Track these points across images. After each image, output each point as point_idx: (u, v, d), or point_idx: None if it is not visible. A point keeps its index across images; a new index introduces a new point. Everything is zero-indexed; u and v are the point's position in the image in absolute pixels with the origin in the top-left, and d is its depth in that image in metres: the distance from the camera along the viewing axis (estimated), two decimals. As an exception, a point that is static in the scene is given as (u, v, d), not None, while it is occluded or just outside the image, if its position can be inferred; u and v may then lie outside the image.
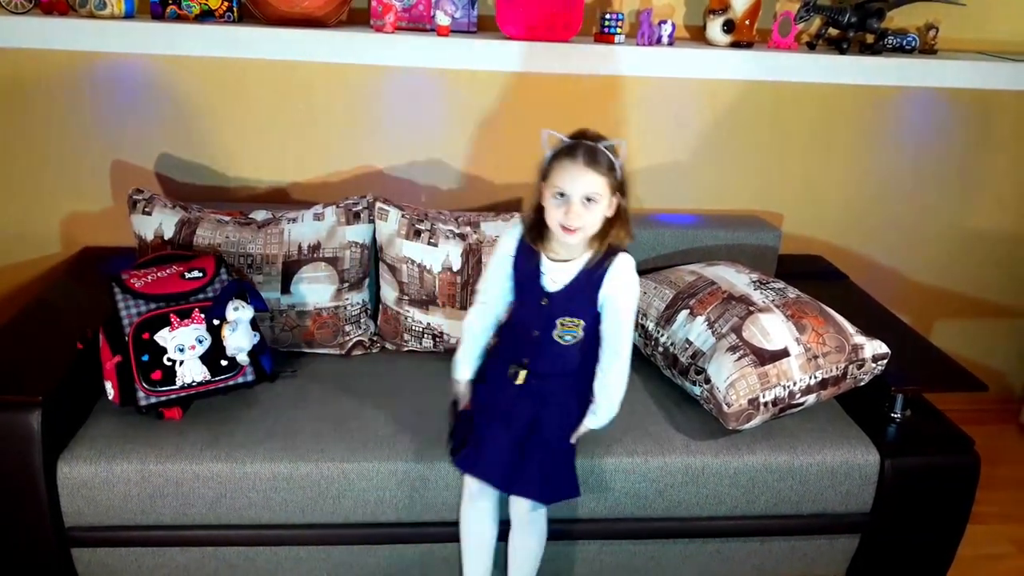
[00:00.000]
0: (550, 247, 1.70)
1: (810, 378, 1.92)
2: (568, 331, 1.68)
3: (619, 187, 1.64)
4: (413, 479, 1.82)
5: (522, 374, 1.73)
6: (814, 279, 2.46)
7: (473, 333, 1.79)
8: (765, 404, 1.89)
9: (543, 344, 1.71)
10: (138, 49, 2.27)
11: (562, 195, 1.59)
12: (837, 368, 1.94)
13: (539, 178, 1.65)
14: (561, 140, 1.63)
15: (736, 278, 2.14)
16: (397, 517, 1.84)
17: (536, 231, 1.69)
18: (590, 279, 1.68)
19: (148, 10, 2.31)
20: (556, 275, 1.70)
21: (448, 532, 1.87)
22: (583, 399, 1.77)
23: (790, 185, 2.70)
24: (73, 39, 2.24)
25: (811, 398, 1.95)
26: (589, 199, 1.59)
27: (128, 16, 2.27)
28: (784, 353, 1.92)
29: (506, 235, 1.76)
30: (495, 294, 1.77)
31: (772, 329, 1.95)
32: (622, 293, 1.68)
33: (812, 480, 1.91)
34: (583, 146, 1.60)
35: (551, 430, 1.74)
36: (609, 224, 1.66)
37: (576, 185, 1.58)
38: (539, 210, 1.67)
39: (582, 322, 1.69)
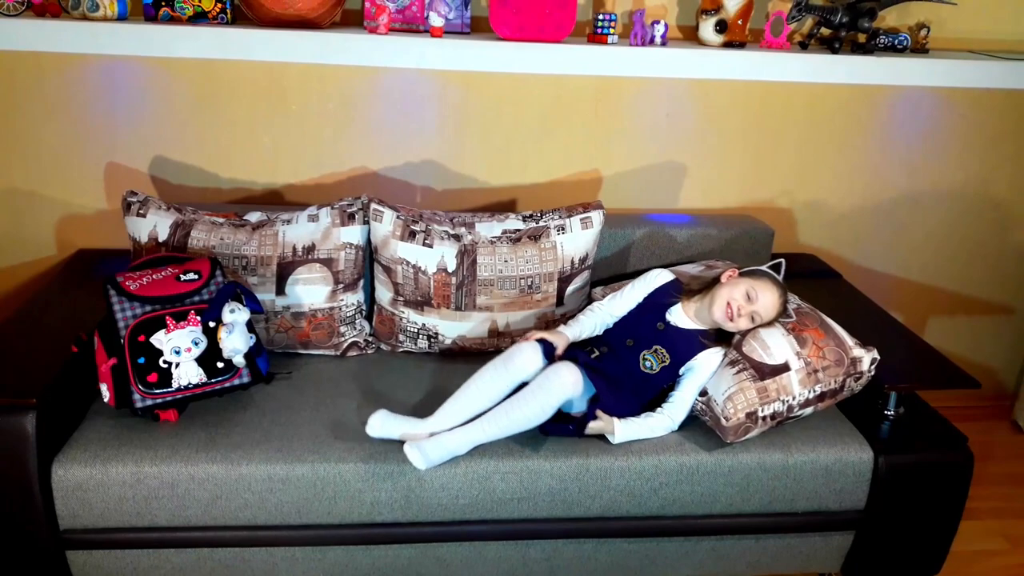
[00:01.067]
0: (687, 307, 2.02)
1: (809, 392, 1.92)
2: (654, 358, 1.95)
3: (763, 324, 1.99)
4: (409, 480, 1.82)
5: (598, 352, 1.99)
6: (807, 278, 2.48)
7: (581, 321, 2.08)
8: (763, 418, 1.89)
9: (628, 356, 1.97)
10: (131, 51, 2.27)
11: (752, 298, 1.94)
12: (835, 381, 1.94)
13: (739, 270, 2.01)
14: (780, 275, 2.05)
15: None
16: (393, 518, 1.85)
17: (693, 293, 2.04)
18: (693, 340, 1.97)
19: (141, 12, 2.31)
20: (679, 318, 2.01)
21: (443, 532, 1.88)
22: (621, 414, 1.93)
23: (783, 184, 2.71)
24: (66, 41, 2.24)
25: (808, 410, 1.95)
26: (755, 317, 1.94)
27: (121, 18, 2.27)
28: (784, 368, 1.91)
29: (658, 274, 2.10)
30: (610, 310, 2.09)
31: (772, 343, 1.94)
32: (701, 371, 1.95)
33: (806, 478, 1.92)
34: (784, 291, 2.01)
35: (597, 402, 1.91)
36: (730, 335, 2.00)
37: (765, 303, 1.95)
38: (712, 283, 2.02)
39: (668, 362, 1.95)
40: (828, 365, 1.93)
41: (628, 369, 1.97)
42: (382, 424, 1.83)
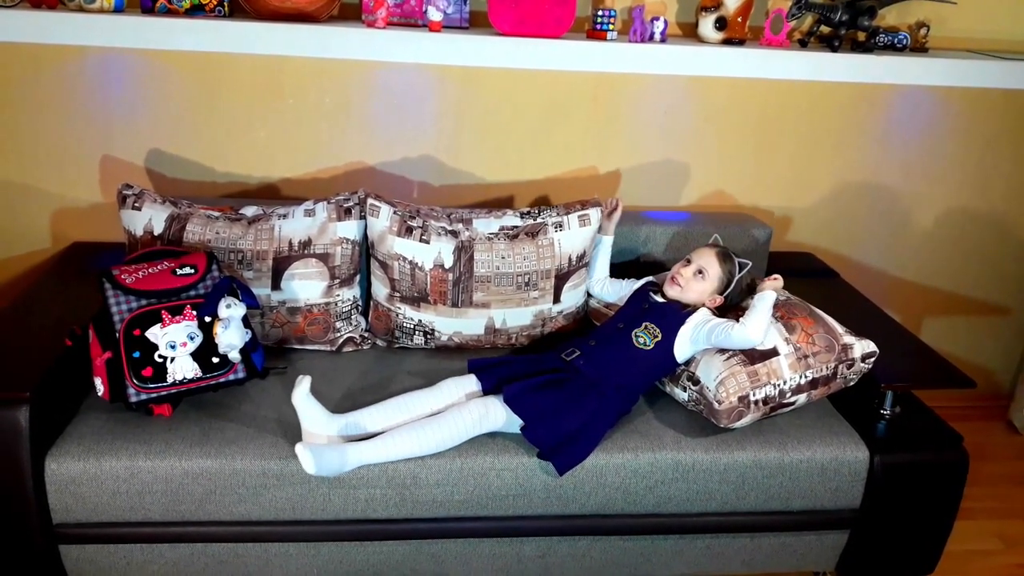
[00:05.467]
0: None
1: (800, 377, 1.93)
2: (646, 334, 1.99)
3: (726, 291, 2.09)
4: (403, 476, 1.82)
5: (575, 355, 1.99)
6: (804, 276, 2.47)
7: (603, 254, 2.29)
8: (756, 402, 1.90)
9: (620, 338, 2.01)
10: (128, 44, 2.26)
11: (688, 262, 2.09)
12: (827, 368, 1.95)
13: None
14: (719, 241, 2.20)
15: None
16: (387, 514, 1.84)
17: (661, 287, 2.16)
18: (678, 310, 2.04)
19: (138, 4, 2.30)
20: (661, 300, 2.10)
21: (438, 529, 1.88)
22: (621, 408, 1.96)
23: (781, 182, 2.70)
24: (62, 33, 2.23)
25: (802, 398, 1.95)
26: (700, 272, 2.06)
27: (118, 10, 2.26)
28: (773, 353, 1.93)
29: (638, 280, 2.23)
30: (609, 286, 2.27)
31: None
32: (704, 320, 2.00)
33: (802, 476, 1.92)
34: (724, 248, 2.14)
35: (589, 407, 1.88)
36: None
37: (700, 258, 2.09)
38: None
39: (660, 336, 1.98)
40: (818, 351, 1.95)
41: (623, 352, 1.97)
42: (305, 395, 1.80)
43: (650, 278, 2.21)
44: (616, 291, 2.24)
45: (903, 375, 2.05)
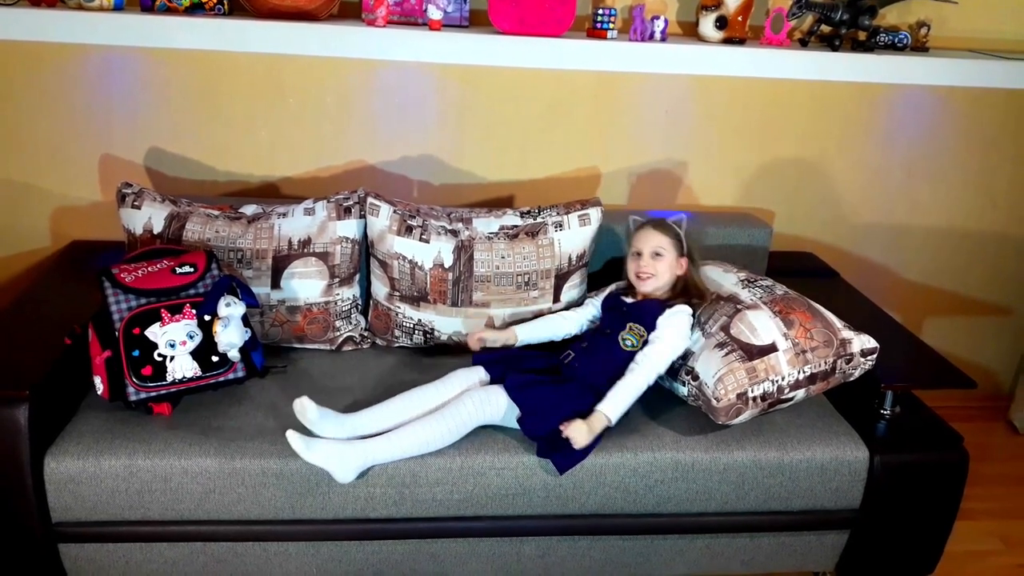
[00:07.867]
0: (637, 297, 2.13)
1: (799, 373, 1.93)
2: (632, 335, 1.99)
3: (684, 250, 2.09)
4: (403, 475, 1.82)
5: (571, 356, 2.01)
6: (805, 276, 2.47)
7: (547, 319, 2.18)
8: (754, 399, 1.90)
9: (606, 342, 2.01)
10: (127, 42, 2.26)
11: (638, 253, 2.08)
12: (825, 362, 1.95)
13: (628, 252, 2.14)
14: (639, 219, 2.17)
15: (723, 278, 2.15)
16: (387, 513, 1.84)
17: (630, 289, 2.15)
18: (655, 305, 2.04)
19: (138, 2, 2.30)
20: (638, 298, 2.11)
21: (437, 528, 1.88)
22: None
23: (781, 182, 2.70)
24: (62, 31, 2.23)
25: (800, 393, 1.95)
26: (657, 253, 2.06)
27: (117, 8, 2.25)
28: (772, 348, 1.93)
29: (602, 292, 2.21)
30: (579, 314, 2.18)
31: (759, 325, 1.96)
32: (669, 329, 1.98)
33: (802, 476, 1.92)
34: (652, 219, 2.15)
35: (587, 406, 1.88)
36: (682, 283, 2.09)
37: (647, 242, 2.07)
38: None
39: (645, 334, 1.99)
40: (816, 346, 1.94)
41: (611, 354, 1.98)
42: (305, 409, 1.80)
43: (611, 288, 2.19)
44: (590, 313, 2.18)
45: (903, 375, 2.05)
